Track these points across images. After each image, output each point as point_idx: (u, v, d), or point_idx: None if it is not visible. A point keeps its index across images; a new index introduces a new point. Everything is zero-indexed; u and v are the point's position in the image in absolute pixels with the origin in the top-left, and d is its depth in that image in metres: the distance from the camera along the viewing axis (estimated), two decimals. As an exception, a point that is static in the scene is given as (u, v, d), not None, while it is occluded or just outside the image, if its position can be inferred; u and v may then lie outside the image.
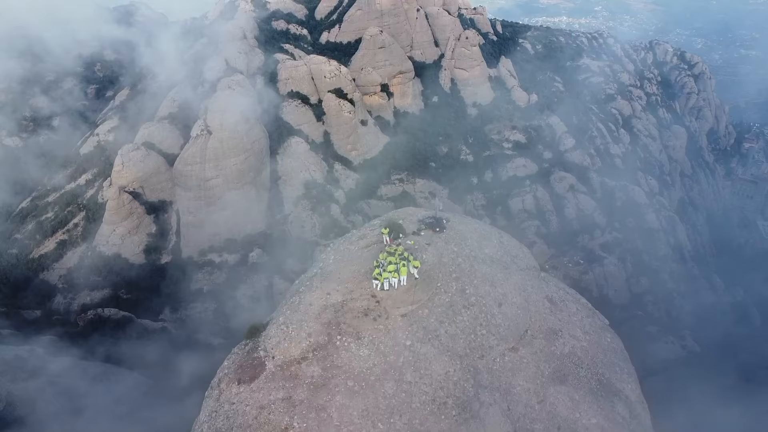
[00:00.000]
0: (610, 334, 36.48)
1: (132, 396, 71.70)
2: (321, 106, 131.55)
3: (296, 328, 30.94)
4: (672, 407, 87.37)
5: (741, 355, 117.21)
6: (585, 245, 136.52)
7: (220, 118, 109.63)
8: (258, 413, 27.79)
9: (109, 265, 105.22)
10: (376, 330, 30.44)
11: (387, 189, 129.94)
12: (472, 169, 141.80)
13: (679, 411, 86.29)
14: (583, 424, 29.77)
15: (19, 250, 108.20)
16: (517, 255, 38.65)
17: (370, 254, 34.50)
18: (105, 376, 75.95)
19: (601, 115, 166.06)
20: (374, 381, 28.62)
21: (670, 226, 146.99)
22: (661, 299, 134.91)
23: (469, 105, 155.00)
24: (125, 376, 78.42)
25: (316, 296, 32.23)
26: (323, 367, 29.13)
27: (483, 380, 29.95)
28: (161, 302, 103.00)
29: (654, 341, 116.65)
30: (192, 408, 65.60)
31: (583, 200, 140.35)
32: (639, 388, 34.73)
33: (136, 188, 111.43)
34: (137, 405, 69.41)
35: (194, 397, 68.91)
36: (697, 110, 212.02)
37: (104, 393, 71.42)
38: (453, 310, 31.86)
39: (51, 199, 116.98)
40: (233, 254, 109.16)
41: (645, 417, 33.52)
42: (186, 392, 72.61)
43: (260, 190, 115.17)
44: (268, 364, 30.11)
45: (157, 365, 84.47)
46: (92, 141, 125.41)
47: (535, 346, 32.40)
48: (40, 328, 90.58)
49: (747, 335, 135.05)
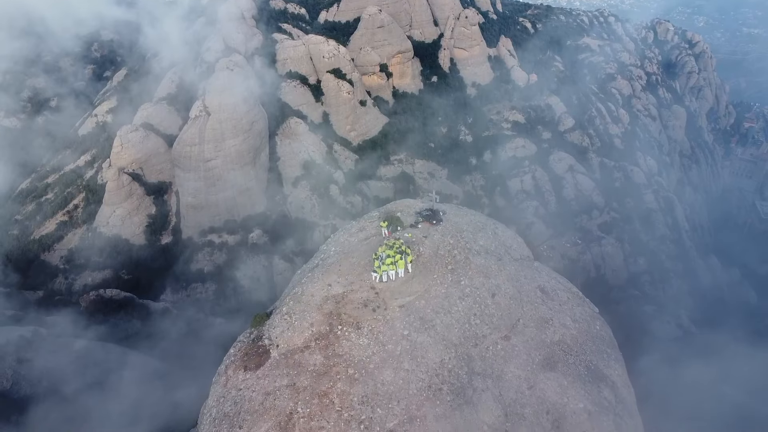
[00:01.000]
0: (599, 322, 38.34)
1: (135, 375, 73.54)
2: (320, 87, 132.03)
3: (299, 319, 32.79)
4: (666, 385, 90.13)
5: (737, 332, 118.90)
6: (583, 225, 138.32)
7: (218, 99, 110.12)
8: (264, 399, 29.72)
9: (109, 245, 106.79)
10: (375, 320, 32.25)
11: (386, 170, 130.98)
12: (472, 149, 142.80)
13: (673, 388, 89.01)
14: (570, 408, 31.73)
15: (20, 231, 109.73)
16: (511, 246, 40.30)
17: (369, 247, 36.18)
18: (108, 356, 77.67)
19: (601, 95, 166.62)
20: (373, 369, 30.48)
21: (668, 207, 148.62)
22: (658, 279, 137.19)
23: (468, 85, 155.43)
24: (128, 356, 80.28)
25: (317, 288, 34.01)
26: (325, 355, 31.00)
27: (476, 367, 31.85)
28: (162, 283, 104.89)
29: (650, 320, 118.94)
30: (196, 388, 67.93)
31: (582, 181, 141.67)
32: (626, 373, 36.69)
33: (135, 169, 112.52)
34: (141, 384, 71.18)
35: (198, 377, 71.12)
36: (697, 90, 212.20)
37: (108, 373, 73.35)
38: (448, 301, 33.64)
39: (51, 180, 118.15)
40: (233, 235, 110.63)
41: (630, 401, 35.55)
42: (189, 372, 74.82)
43: (260, 171, 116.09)
44: (273, 352, 32.00)
45: (160, 345, 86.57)
46: (91, 122, 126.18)
47: (526, 334, 34.28)
48: (43, 308, 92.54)
49: (743, 314, 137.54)
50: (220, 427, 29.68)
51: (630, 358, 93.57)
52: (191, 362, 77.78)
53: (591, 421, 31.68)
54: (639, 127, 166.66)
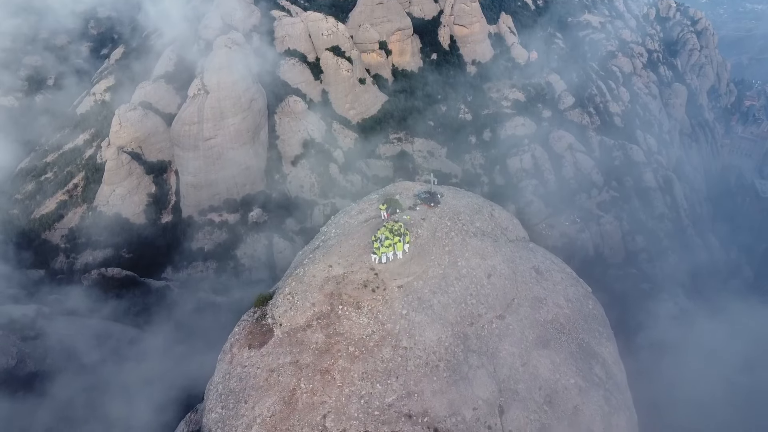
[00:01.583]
0: (591, 302, 39.78)
1: (138, 354, 75.15)
2: (319, 65, 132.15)
3: (301, 298, 34.18)
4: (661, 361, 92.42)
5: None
6: (582, 204, 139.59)
7: (217, 78, 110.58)
8: (268, 375, 31.23)
9: (110, 225, 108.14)
10: (375, 300, 33.64)
11: (385, 148, 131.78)
12: (471, 128, 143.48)
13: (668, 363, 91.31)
14: (562, 384, 33.27)
15: (21, 210, 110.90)
16: (507, 227, 41.58)
17: (368, 229, 37.42)
18: (111, 334, 79.30)
19: (601, 73, 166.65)
20: (373, 346, 31.95)
21: (667, 185, 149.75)
22: (656, 257, 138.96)
23: (468, 63, 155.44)
24: (131, 333, 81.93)
25: (319, 269, 35.35)
26: (326, 334, 32.45)
27: (472, 345, 33.33)
28: (163, 261, 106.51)
29: (647, 298, 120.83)
30: (198, 366, 69.52)
31: (582, 159, 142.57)
32: (616, 351, 38.26)
33: (134, 148, 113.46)
34: (143, 363, 72.76)
35: (200, 354, 72.72)
36: (698, 67, 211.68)
37: (111, 350, 74.94)
38: (446, 281, 35.01)
39: (50, 159, 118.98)
40: (233, 214, 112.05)
41: (621, 377, 37.18)
42: (192, 350, 76.45)
43: (259, 150, 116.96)
44: (276, 330, 33.45)
45: (161, 323, 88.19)
46: (89, 100, 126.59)
47: (520, 313, 35.71)
48: (45, 287, 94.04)
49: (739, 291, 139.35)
50: (227, 402, 31.21)
51: (626, 336, 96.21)
52: (193, 340, 79.39)
53: (582, 396, 33.26)
54: (639, 105, 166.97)
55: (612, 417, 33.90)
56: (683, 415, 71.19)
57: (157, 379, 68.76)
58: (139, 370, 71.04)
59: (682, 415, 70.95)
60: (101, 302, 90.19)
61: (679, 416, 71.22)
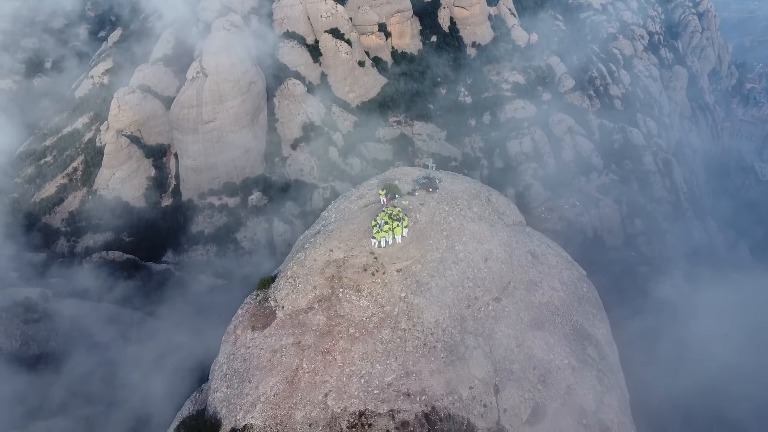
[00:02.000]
0: (586, 285, 41.04)
1: (140, 337, 76.38)
2: (318, 47, 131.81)
3: (303, 282, 35.41)
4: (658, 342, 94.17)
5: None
6: (582, 187, 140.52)
7: (215, 60, 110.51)
8: (271, 356, 32.55)
9: (110, 208, 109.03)
10: (374, 283, 34.88)
11: (385, 131, 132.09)
12: (471, 111, 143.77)
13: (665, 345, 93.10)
14: (556, 364, 34.65)
15: (21, 194, 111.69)
16: (504, 212, 42.68)
17: (368, 213, 38.54)
18: (113, 317, 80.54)
19: (602, 55, 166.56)
20: (372, 328, 33.23)
21: (667, 168, 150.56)
22: (654, 240, 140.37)
23: (468, 45, 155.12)
24: (132, 316, 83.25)
25: (319, 253, 36.53)
26: (328, 316, 33.73)
27: (469, 327, 34.61)
28: (163, 245, 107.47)
29: (646, 281, 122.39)
30: (201, 347, 70.81)
31: (581, 142, 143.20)
32: (609, 332, 39.62)
33: (133, 132, 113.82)
34: (145, 345, 73.99)
35: (202, 336, 74.00)
36: (700, 50, 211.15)
37: (113, 334, 76.21)
38: (443, 265, 36.20)
39: (49, 142, 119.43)
40: (233, 197, 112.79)
41: (613, 358, 38.58)
42: (193, 332, 77.79)
43: (258, 133, 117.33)
44: (279, 313, 34.72)
45: (163, 306, 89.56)
46: (87, 83, 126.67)
47: (516, 296, 36.97)
48: (47, 270, 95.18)
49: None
50: (231, 382, 32.55)
51: (623, 318, 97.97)
52: (194, 322, 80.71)
53: (575, 375, 34.65)
54: (639, 87, 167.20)
55: (604, 396, 35.34)
56: (678, 395, 72.93)
57: (159, 362, 70.08)
58: (141, 352, 72.09)
59: (677, 396, 72.69)
60: (103, 285, 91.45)
61: (673, 397, 73.05)
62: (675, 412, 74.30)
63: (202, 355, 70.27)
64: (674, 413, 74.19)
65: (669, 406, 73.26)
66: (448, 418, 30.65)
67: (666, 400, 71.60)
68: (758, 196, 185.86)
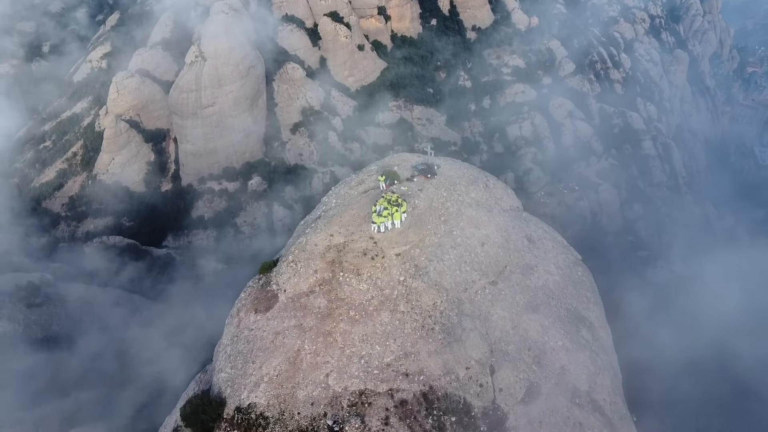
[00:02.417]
0: (581, 269, 42.24)
1: (142, 321, 77.63)
2: (317, 31, 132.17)
3: (304, 266, 36.61)
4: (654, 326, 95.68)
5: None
6: (581, 172, 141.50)
7: (214, 44, 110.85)
8: (274, 337, 33.82)
9: (110, 193, 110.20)
10: (374, 267, 36.06)
11: (384, 116, 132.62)
12: (471, 95, 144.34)
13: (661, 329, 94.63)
14: (550, 346, 35.92)
15: (21, 178, 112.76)
16: (501, 197, 43.79)
17: (368, 199, 39.64)
18: (115, 301, 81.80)
19: (602, 39, 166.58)
20: (372, 311, 34.46)
21: (666, 153, 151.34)
22: (653, 225, 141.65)
23: (468, 28, 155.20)
24: (134, 301, 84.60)
25: (320, 238, 37.70)
26: (328, 299, 34.95)
27: (465, 310, 35.85)
28: (163, 229, 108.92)
29: (644, 265, 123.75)
30: (201, 332, 72.10)
31: (581, 127, 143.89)
32: (603, 315, 40.88)
33: (132, 116, 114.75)
34: (147, 329, 75.23)
35: (203, 320, 75.39)
36: (701, 33, 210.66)
37: (115, 318, 77.52)
38: (441, 249, 37.38)
39: (48, 127, 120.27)
40: (233, 182, 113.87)
41: (607, 340, 39.89)
42: (194, 316, 79.12)
43: (258, 118, 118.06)
44: (281, 296, 35.95)
45: (163, 290, 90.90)
46: (86, 67, 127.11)
47: (512, 280, 38.17)
48: (48, 255, 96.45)
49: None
50: (236, 363, 33.86)
51: (620, 302, 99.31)
52: (195, 306, 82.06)
53: (569, 356, 35.94)
54: (640, 71, 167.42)
55: (597, 376, 36.66)
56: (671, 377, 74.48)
57: (161, 345, 71.39)
58: (144, 335, 73.32)
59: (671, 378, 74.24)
60: (104, 270, 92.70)
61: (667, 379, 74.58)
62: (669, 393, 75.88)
63: (203, 339, 71.84)
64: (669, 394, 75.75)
65: (664, 387, 74.84)
66: (445, 397, 31.94)
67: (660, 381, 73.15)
68: (758, 181, 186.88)
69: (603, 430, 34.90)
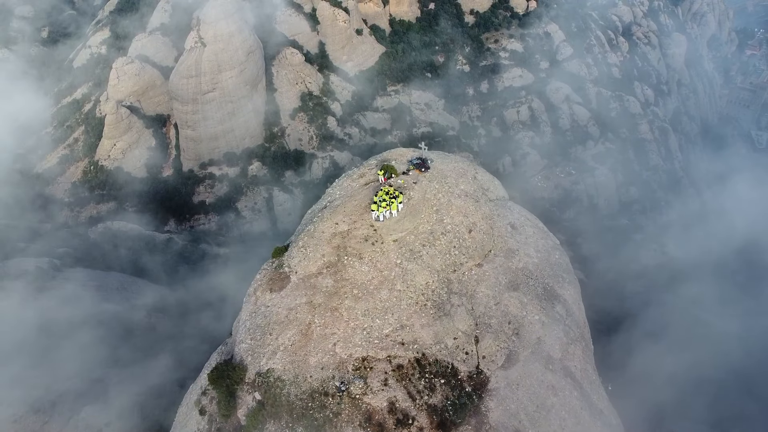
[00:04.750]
0: (558, 252, 48.86)
1: (147, 303, 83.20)
2: (315, 15, 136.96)
3: (313, 251, 43.22)
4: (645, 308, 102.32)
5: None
6: (578, 156, 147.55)
7: (213, 30, 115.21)
8: (288, 313, 40.54)
9: (112, 178, 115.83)
10: (374, 252, 42.62)
11: (383, 101, 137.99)
12: (468, 79, 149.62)
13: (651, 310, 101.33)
14: (528, 320, 42.65)
15: (23, 165, 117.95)
16: (489, 188, 50.24)
17: (368, 191, 46.08)
18: (121, 285, 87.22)
19: (600, 23, 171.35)
20: (373, 289, 41.11)
21: (663, 137, 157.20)
22: (648, 208, 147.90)
23: (466, 12, 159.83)
24: (138, 284, 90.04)
25: (327, 225, 44.25)
26: (335, 279, 41.57)
27: (454, 288, 42.50)
28: (165, 214, 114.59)
29: (638, 248, 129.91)
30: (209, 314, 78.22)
31: (578, 111, 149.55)
32: (578, 293, 47.62)
33: (133, 102, 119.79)
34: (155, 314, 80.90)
35: (210, 303, 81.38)
36: (700, 16, 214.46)
37: (122, 301, 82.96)
38: (433, 236, 43.89)
39: (48, 113, 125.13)
40: (233, 167, 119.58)
41: (579, 315, 46.72)
42: (199, 298, 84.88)
43: (257, 103, 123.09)
44: (292, 277, 42.58)
45: (167, 274, 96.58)
46: (85, 53, 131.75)
47: (496, 262, 44.75)
48: (53, 240, 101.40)
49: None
50: (254, 335, 40.58)
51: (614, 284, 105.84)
52: (200, 290, 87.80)
53: (544, 329, 42.75)
54: (638, 55, 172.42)
55: (569, 346, 43.62)
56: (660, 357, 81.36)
57: (172, 326, 77.22)
58: (151, 321, 78.59)
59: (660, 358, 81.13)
60: (108, 254, 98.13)
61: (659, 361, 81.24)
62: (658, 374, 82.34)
63: (211, 318, 78.31)
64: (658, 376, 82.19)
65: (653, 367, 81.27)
66: (436, 362, 38.81)
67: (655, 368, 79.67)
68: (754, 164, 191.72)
69: (573, 392, 41.92)
